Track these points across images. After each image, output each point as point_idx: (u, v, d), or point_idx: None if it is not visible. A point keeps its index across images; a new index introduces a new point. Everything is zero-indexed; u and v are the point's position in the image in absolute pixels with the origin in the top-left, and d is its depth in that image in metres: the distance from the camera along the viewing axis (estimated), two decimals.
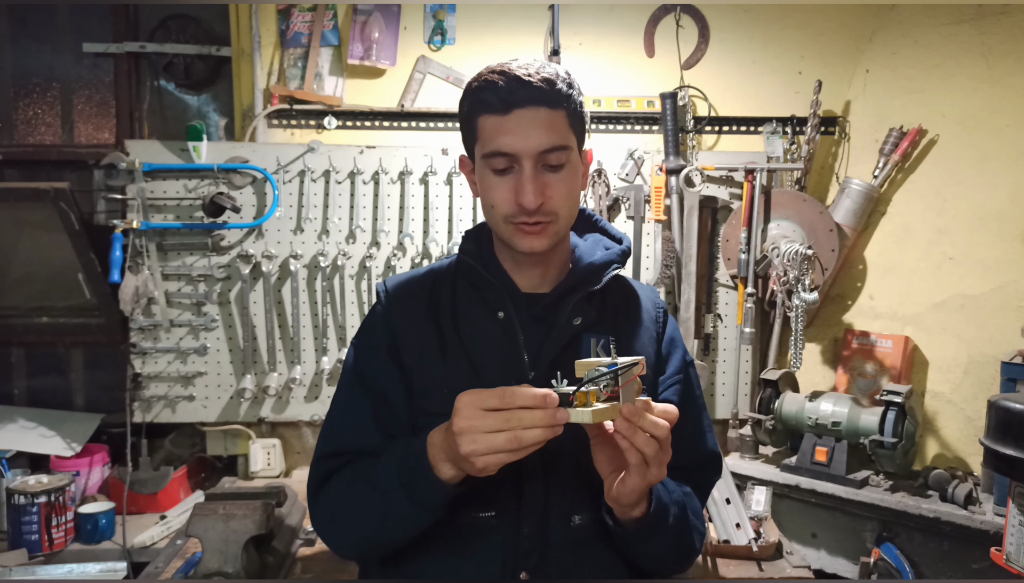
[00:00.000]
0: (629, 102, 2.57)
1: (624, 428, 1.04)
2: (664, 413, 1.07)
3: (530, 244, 1.22)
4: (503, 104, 1.17)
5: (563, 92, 1.20)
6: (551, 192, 1.20)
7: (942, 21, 2.37)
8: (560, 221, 1.24)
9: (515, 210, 1.20)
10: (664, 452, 1.08)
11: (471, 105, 1.22)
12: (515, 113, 1.17)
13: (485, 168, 1.22)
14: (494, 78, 1.18)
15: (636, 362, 1.08)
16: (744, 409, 2.54)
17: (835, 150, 2.61)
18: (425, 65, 2.55)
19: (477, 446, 1.02)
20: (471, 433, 1.03)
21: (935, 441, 2.37)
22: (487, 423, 1.02)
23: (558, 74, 1.20)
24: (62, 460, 2.40)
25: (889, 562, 2.05)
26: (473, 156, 1.27)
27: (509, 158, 1.19)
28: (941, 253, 2.37)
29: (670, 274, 2.48)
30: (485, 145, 1.20)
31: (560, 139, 1.19)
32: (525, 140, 1.17)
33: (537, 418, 1.02)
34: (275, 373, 2.45)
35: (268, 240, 2.46)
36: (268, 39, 2.51)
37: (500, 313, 1.26)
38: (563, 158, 1.20)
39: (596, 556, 1.24)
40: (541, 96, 1.17)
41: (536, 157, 1.18)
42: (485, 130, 1.20)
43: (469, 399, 1.05)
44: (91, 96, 2.68)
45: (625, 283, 1.40)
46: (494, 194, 1.22)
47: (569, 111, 1.21)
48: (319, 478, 1.29)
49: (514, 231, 1.22)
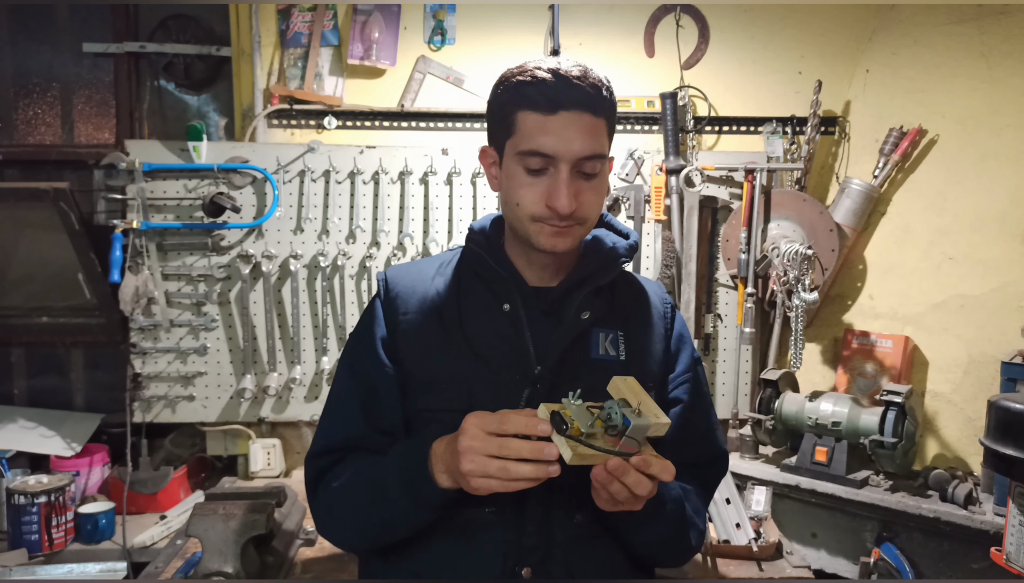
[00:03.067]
0: (629, 102, 2.57)
1: (601, 477, 1.04)
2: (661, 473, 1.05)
3: (553, 243, 1.21)
4: (550, 103, 1.15)
5: (608, 100, 1.19)
6: (583, 199, 1.19)
7: (942, 21, 2.37)
8: (586, 226, 1.23)
9: (545, 212, 1.18)
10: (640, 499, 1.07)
11: (512, 98, 1.19)
12: (561, 114, 1.15)
13: (517, 165, 1.19)
14: (543, 75, 1.16)
15: (653, 433, 1.04)
16: (744, 409, 2.54)
17: (835, 150, 2.61)
18: (425, 65, 2.55)
19: (474, 467, 1.04)
20: (471, 453, 1.04)
21: (935, 441, 2.36)
22: (487, 446, 1.04)
23: (603, 81, 1.19)
24: (62, 460, 2.40)
25: (889, 562, 2.05)
26: (501, 149, 1.24)
27: (546, 159, 1.16)
28: (941, 253, 2.37)
29: (670, 274, 2.48)
30: (522, 142, 1.18)
31: (599, 147, 1.18)
32: (568, 144, 1.15)
33: (525, 451, 1.02)
34: (275, 373, 2.45)
35: (268, 240, 2.46)
36: (268, 39, 2.51)
37: (506, 305, 1.25)
38: (598, 167, 1.20)
39: (599, 553, 1.24)
40: (588, 101, 1.16)
41: (574, 162, 1.16)
42: (526, 126, 1.17)
43: (476, 420, 1.06)
44: (91, 96, 2.68)
45: (633, 278, 1.39)
46: (523, 193, 1.19)
47: (609, 121, 1.20)
48: (314, 474, 1.30)
49: (539, 230, 1.20)
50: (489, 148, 1.28)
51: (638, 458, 1.04)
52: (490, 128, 1.27)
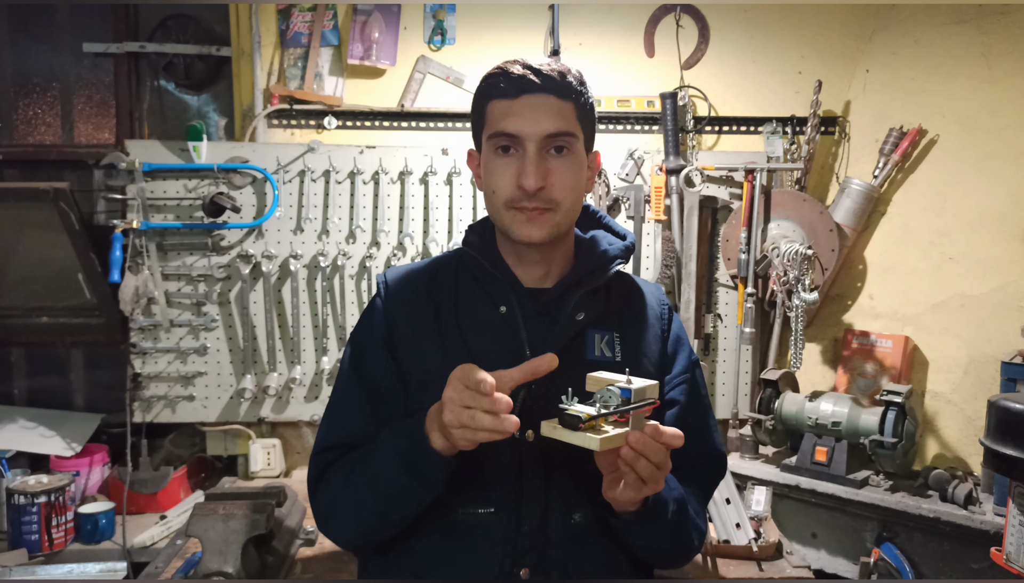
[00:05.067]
0: (629, 102, 2.57)
1: (629, 456, 1.05)
2: (672, 439, 1.06)
3: (528, 232, 1.22)
4: (514, 88, 1.20)
5: (573, 85, 1.22)
6: (553, 179, 1.20)
7: (942, 21, 2.37)
8: (560, 211, 1.23)
9: (516, 194, 1.20)
10: (663, 472, 1.08)
11: (482, 92, 1.25)
12: (524, 97, 1.19)
13: (490, 152, 1.23)
14: (507, 66, 1.22)
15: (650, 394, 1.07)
16: (744, 409, 2.54)
17: (835, 150, 2.61)
18: (425, 65, 2.55)
19: (452, 417, 1.04)
20: (451, 403, 1.04)
21: (935, 441, 2.36)
22: (462, 397, 1.04)
23: (570, 70, 1.23)
24: (62, 460, 2.40)
25: (889, 562, 2.05)
26: (479, 144, 1.28)
27: (513, 140, 1.20)
28: (941, 253, 2.37)
29: (670, 274, 2.48)
30: (491, 127, 1.22)
31: (566, 125, 1.21)
32: (532, 123, 1.19)
33: (484, 404, 1.02)
34: (275, 373, 2.45)
35: (268, 240, 2.46)
36: (268, 39, 2.51)
37: (502, 307, 1.26)
38: (567, 143, 1.21)
39: (597, 553, 1.24)
40: (551, 85, 1.20)
41: (540, 141, 1.19)
42: (493, 114, 1.22)
43: (459, 373, 1.06)
44: (91, 96, 2.68)
45: (629, 280, 1.40)
46: (496, 178, 1.22)
47: (578, 105, 1.23)
48: (317, 471, 1.30)
49: (513, 217, 1.22)
50: (473, 150, 1.33)
51: (651, 427, 1.05)
52: (473, 128, 1.31)
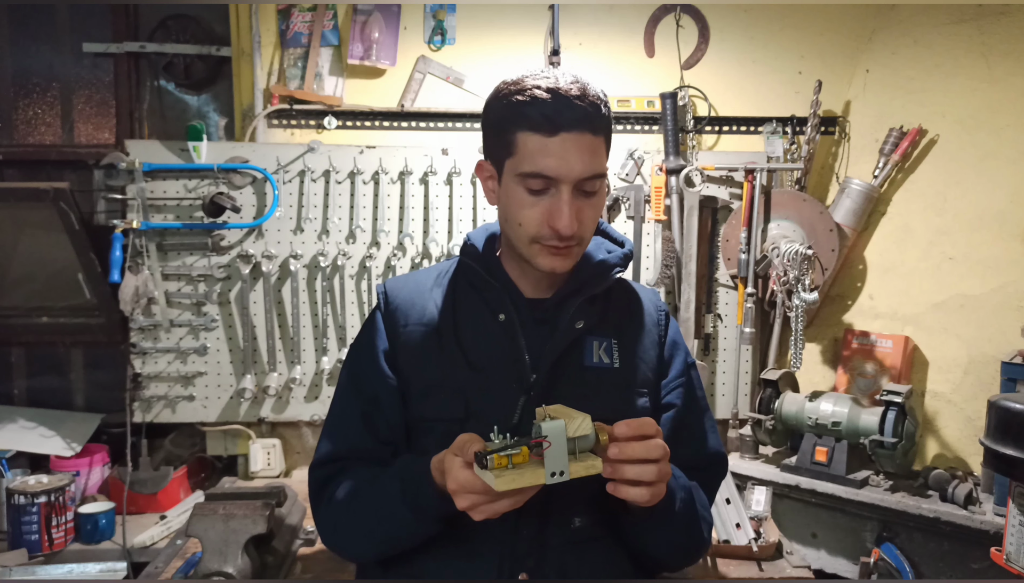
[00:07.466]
0: (629, 102, 2.57)
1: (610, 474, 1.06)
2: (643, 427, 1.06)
3: (553, 265, 1.22)
4: (550, 125, 1.14)
5: (606, 117, 1.19)
6: (583, 217, 1.20)
7: (942, 21, 2.37)
8: (584, 243, 1.25)
9: (547, 233, 1.19)
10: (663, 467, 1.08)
11: (511, 118, 1.18)
12: (561, 136, 1.14)
13: (518, 185, 1.19)
14: (541, 95, 1.15)
15: (575, 424, 1.04)
16: (744, 409, 2.54)
17: (835, 150, 2.61)
18: (425, 65, 2.54)
19: (463, 504, 1.06)
20: (451, 470, 1.06)
21: (935, 441, 2.36)
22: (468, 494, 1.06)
23: (600, 97, 1.19)
24: (62, 460, 2.40)
25: (889, 562, 2.05)
26: (500, 166, 1.23)
27: (548, 181, 1.17)
28: (941, 253, 2.37)
29: (670, 274, 2.48)
30: (523, 164, 1.17)
31: (600, 167, 1.19)
32: (569, 166, 1.15)
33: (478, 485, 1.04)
34: (275, 373, 2.45)
35: (268, 240, 2.46)
36: (268, 39, 2.51)
37: (501, 315, 1.27)
38: (597, 186, 1.20)
39: (597, 556, 1.24)
40: (588, 121, 1.15)
41: (575, 183, 1.17)
42: (526, 148, 1.16)
43: (460, 440, 1.07)
44: (91, 96, 2.68)
45: (627, 286, 1.40)
46: (525, 213, 1.19)
47: (607, 137, 1.21)
48: (317, 485, 1.31)
49: (539, 251, 1.21)
50: (486, 162, 1.28)
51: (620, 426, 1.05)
52: (487, 143, 1.26)
